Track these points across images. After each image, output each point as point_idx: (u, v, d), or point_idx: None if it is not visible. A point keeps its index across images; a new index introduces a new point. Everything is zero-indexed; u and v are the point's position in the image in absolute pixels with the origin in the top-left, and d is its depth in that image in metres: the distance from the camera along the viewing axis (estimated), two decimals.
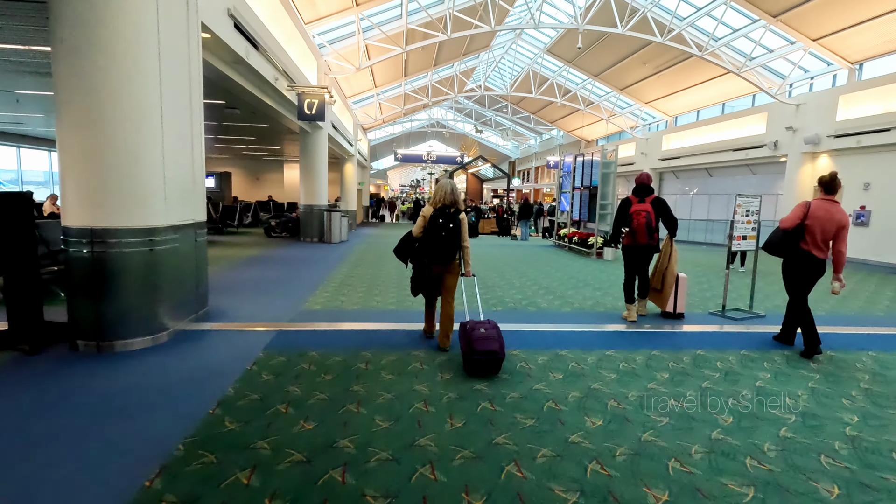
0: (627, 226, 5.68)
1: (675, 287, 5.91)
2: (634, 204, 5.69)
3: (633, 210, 5.63)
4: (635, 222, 5.56)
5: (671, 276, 5.87)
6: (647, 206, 5.60)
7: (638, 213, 5.57)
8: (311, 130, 13.27)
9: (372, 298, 6.45)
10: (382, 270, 8.89)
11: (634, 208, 5.64)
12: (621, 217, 5.81)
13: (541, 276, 8.76)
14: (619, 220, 5.87)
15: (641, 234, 5.55)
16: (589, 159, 12.87)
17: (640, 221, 5.53)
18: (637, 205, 5.66)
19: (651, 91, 21.43)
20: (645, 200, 5.67)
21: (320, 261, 10.07)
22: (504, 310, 6.07)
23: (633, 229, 5.61)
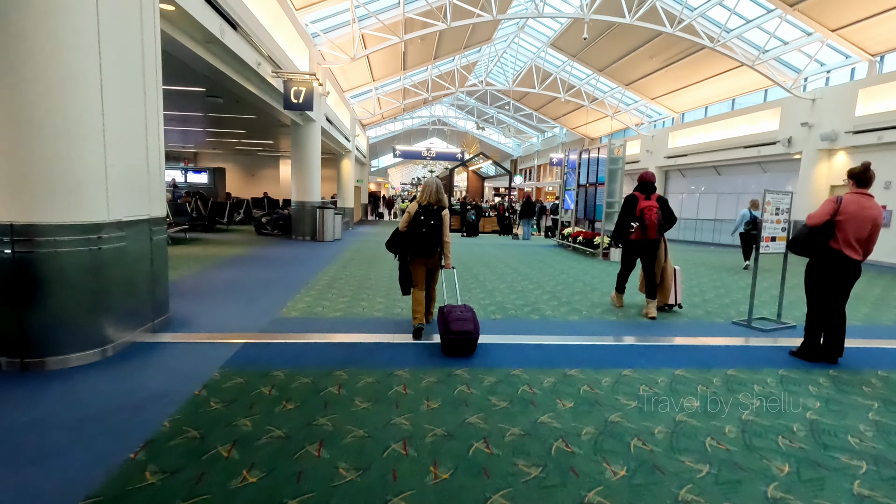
0: (638, 221, 5.77)
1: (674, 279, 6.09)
2: (642, 200, 5.80)
3: (644, 206, 5.73)
4: (648, 217, 5.66)
5: (669, 270, 6.04)
6: (655, 203, 5.75)
7: (649, 209, 5.68)
8: (303, 123, 12.65)
9: (358, 304, 5.83)
10: (373, 272, 8.27)
11: (644, 204, 5.74)
12: (629, 213, 5.86)
13: (544, 279, 8.13)
14: (627, 217, 5.89)
15: (653, 229, 5.66)
16: (595, 155, 12.22)
17: (653, 217, 5.65)
18: (645, 201, 5.78)
19: (658, 86, 20.75)
20: (651, 197, 5.81)
21: (309, 260, 9.46)
22: (504, 318, 5.44)
23: (645, 225, 5.69)
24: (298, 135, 12.75)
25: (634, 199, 5.86)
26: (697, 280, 8.60)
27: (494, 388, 3.40)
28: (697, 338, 4.91)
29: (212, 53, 6.94)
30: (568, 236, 13.66)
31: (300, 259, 9.67)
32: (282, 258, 9.73)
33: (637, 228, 5.82)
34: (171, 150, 23.29)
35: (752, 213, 10.78)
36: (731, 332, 5.19)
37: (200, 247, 10.95)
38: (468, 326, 4.05)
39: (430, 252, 4.56)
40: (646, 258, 5.87)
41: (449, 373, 3.64)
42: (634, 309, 6.10)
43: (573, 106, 26.16)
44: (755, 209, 10.80)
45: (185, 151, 23.78)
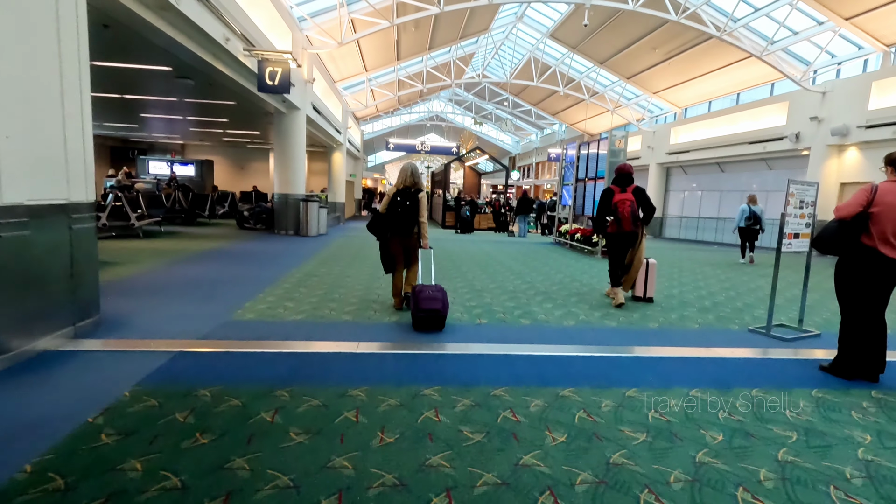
0: (613, 214, 5.85)
1: (645, 272, 6.11)
2: (617, 193, 5.84)
3: (618, 199, 5.79)
4: (621, 211, 5.75)
5: (639, 262, 6.00)
6: (630, 196, 5.79)
7: (623, 202, 5.76)
8: (287, 111, 11.96)
9: (325, 305, 5.17)
10: (352, 269, 7.61)
11: (619, 197, 5.80)
12: (605, 206, 5.92)
13: (538, 279, 7.49)
14: (603, 210, 5.96)
15: (627, 222, 5.76)
16: (594, 151, 11.57)
17: (626, 210, 5.73)
18: (620, 194, 5.82)
19: (660, 80, 20.09)
20: (626, 190, 5.84)
21: (285, 256, 8.80)
22: (491, 322, 4.79)
23: (619, 218, 5.78)
24: (282, 124, 12.06)
25: (610, 193, 5.92)
26: (705, 281, 7.96)
27: (469, 414, 2.75)
28: (711, 349, 4.26)
29: (169, 24, 6.24)
30: (565, 233, 13.01)
31: (277, 254, 9.01)
32: (257, 253, 9.07)
33: (612, 221, 5.94)
34: (156, 140, 22.58)
35: (752, 208, 10.94)
36: (748, 342, 4.54)
37: (174, 240, 10.28)
38: (437, 305, 4.32)
39: (407, 231, 4.93)
40: (620, 250, 5.98)
41: (415, 393, 2.99)
42: (638, 313, 5.46)
43: (573, 101, 25.49)
44: (753, 204, 11.07)
45: (172, 143, 23.07)
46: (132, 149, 22.62)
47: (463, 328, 4.55)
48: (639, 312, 5.48)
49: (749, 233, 11.06)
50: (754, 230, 11.04)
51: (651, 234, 21.44)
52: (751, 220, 10.92)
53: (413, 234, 4.96)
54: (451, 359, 3.71)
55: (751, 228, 11.01)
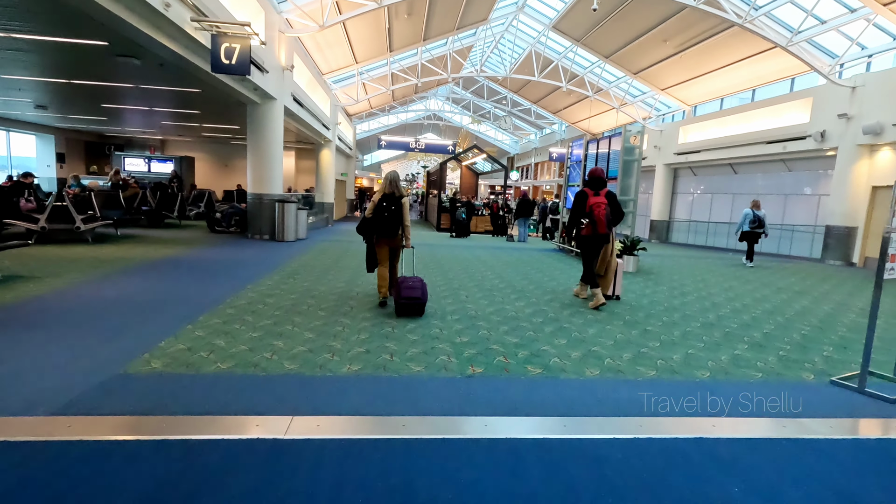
0: (588, 217, 5.91)
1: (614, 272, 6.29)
2: (591, 196, 5.90)
3: (594, 202, 5.86)
4: (597, 214, 5.83)
5: (613, 264, 6.25)
6: (604, 199, 5.89)
7: (598, 205, 5.84)
8: (261, 101, 10.69)
9: (270, 343, 3.91)
10: (322, 284, 6.35)
11: (593, 200, 5.87)
12: (580, 209, 5.96)
13: (545, 297, 6.25)
14: (578, 212, 5.99)
15: (602, 224, 5.86)
16: (604, 150, 10.34)
17: (602, 213, 5.83)
18: (594, 197, 5.89)
19: (669, 75, 18.89)
20: (600, 193, 5.93)
21: (248, 266, 7.54)
22: (488, 371, 3.55)
23: (594, 220, 5.87)
24: (256, 115, 10.79)
25: (585, 196, 5.95)
26: (741, 302, 6.72)
27: None
28: (794, 420, 3.02)
29: None
30: (571, 240, 11.78)
31: (239, 265, 7.74)
32: (216, 263, 7.80)
33: (587, 224, 5.94)
34: (133, 136, 21.27)
35: (755, 213, 11.12)
36: (837, 403, 3.32)
37: (126, 246, 9.00)
38: (416, 294, 4.94)
39: (392, 233, 5.37)
40: (593, 252, 6.04)
41: None
42: (678, 354, 4.22)
43: (575, 98, 24.29)
44: (757, 209, 11.22)
45: (151, 138, 21.74)
46: (108, 144, 21.30)
47: (450, 379, 3.31)
48: (678, 354, 4.24)
49: (752, 237, 11.23)
50: (758, 234, 11.21)
51: (657, 238, 20.29)
52: (755, 223, 11.10)
53: (398, 236, 5.46)
54: (441, 450, 2.46)
55: (754, 232, 11.17)
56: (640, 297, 6.68)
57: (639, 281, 8.05)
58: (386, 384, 3.23)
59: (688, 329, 5.05)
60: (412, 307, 4.93)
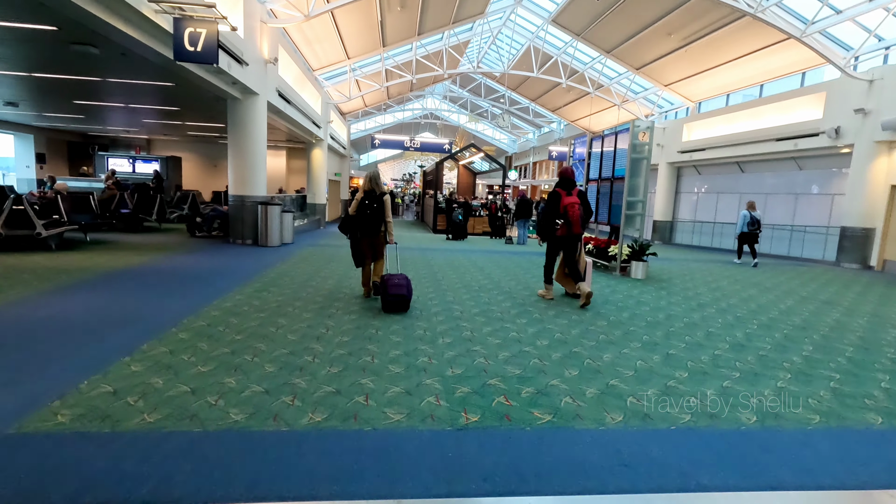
0: (563, 218, 5.95)
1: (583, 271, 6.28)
2: (565, 197, 5.96)
3: (568, 202, 5.92)
4: (572, 214, 5.89)
5: (583, 262, 6.28)
6: (576, 199, 5.95)
7: (572, 205, 5.90)
8: (242, 97, 9.98)
9: (219, 382, 3.20)
10: (298, 299, 5.65)
11: (568, 201, 5.93)
12: (554, 210, 6.01)
13: (550, 312, 5.56)
14: (552, 213, 6.04)
15: (577, 224, 5.94)
16: (611, 143, 9.66)
17: (576, 213, 5.89)
18: (567, 197, 5.94)
19: (673, 71, 18.22)
20: (572, 193, 6.00)
21: (220, 277, 6.83)
22: (484, 420, 2.85)
23: (569, 221, 5.92)
24: (236, 111, 10.09)
25: (558, 196, 6.00)
26: (766, 315, 6.03)
27: None
28: (887, 492, 2.34)
29: None
30: None
31: (212, 275, 7.04)
32: (186, 273, 7.09)
33: (562, 225, 5.99)
34: (118, 135, 20.51)
35: (752, 214, 11.56)
36: None
37: (93, 253, 8.29)
38: (402, 291, 5.19)
39: (375, 231, 5.58)
40: (569, 251, 6.14)
41: None
42: (712, 387, 3.53)
43: (575, 95, 23.63)
44: (753, 210, 11.65)
45: (136, 138, 20.99)
46: (92, 144, 20.55)
47: (438, 431, 2.61)
48: (709, 387, 3.55)
49: (752, 237, 11.61)
50: (756, 234, 11.60)
51: (660, 239, 19.63)
52: (753, 225, 11.52)
53: (380, 233, 5.64)
54: None
55: (753, 233, 11.57)
56: (654, 310, 5.99)
57: (650, 290, 7.36)
58: (354, 442, 2.53)
59: (716, 352, 4.37)
60: (398, 303, 5.19)
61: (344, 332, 4.46)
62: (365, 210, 5.48)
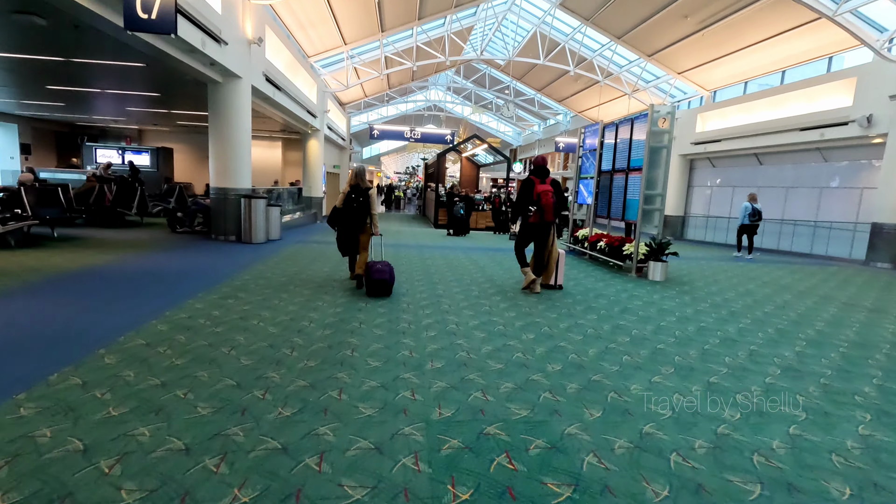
0: (535, 205, 6.00)
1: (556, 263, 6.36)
2: (538, 185, 6.01)
3: (541, 190, 5.97)
4: (544, 201, 5.94)
5: (555, 254, 6.33)
6: (550, 187, 6.01)
7: (545, 192, 5.95)
8: (223, 80, 9.16)
9: (127, 436, 2.43)
10: (267, 308, 4.86)
11: (541, 188, 5.98)
12: (528, 196, 6.04)
13: (560, 321, 4.76)
14: (525, 200, 6.07)
15: (549, 212, 5.97)
16: (626, 132, 8.80)
17: (549, 200, 5.95)
18: (541, 185, 6.00)
19: (687, 57, 17.25)
20: (546, 181, 6.06)
21: (186, 280, 6.06)
22: (478, 486, 2.06)
23: (541, 208, 5.97)
24: (217, 96, 9.29)
25: (531, 183, 6.03)
26: (812, 327, 5.18)
27: None
28: None
29: None
30: (583, 240, 10.27)
31: (178, 277, 6.26)
32: (149, 275, 6.31)
33: (535, 212, 6.00)
34: (107, 126, 19.77)
35: (753, 206, 11.56)
36: None
37: (54, 251, 7.53)
38: (384, 276, 5.51)
39: (361, 223, 5.87)
40: (540, 240, 6.15)
41: None
42: (777, 435, 2.72)
43: (583, 84, 22.66)
44: (755, 202, 11.66)
45: (127, 128, 20.23)
46: (81, 135, 19.81)
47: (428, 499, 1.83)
48: (777, 431, 2.74)
49: (752, 229, 11.70)
50: (756, 226, 11.67)
51: (671, 235, 18.74)
52: (755, 216, 11.52)
53: (366, 225, 5.88)
54: None
55: (754, 225, 11.62)
56: (682, 322, 5.17)
57: (672, 295, 6.53)
58: None
59: (767, 380, 3.56)
60: (381, 287, 5.52)
61: (312, 354, 3.67)
62: (351, 203, 5.73)
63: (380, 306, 5.18)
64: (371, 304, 5.23)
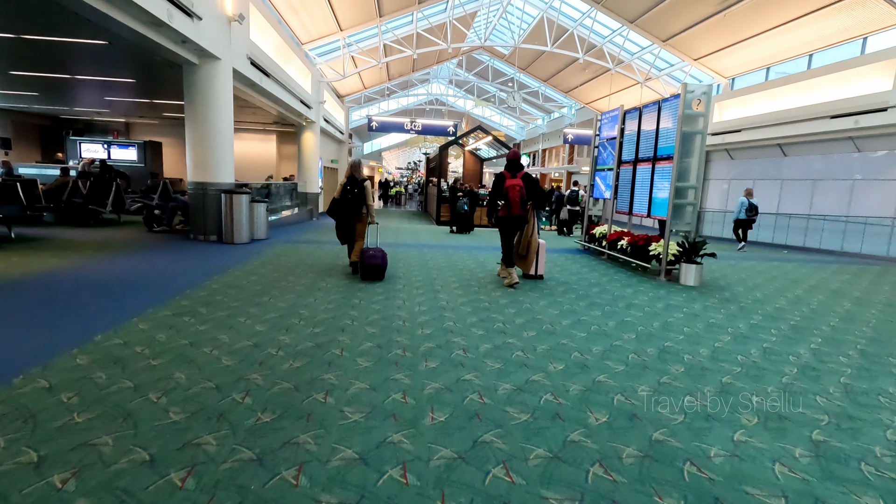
0: (504, 199, 6.10)
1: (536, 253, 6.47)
2: (508, 179, 6.09)
3: (509, 184, 6.05)
4: (511, 196, 6.01)
5: (534, 243, 6.44)
6: (519, 181, 6.05)
7: (513, 187, 6.02)
8: (199, 62, 8.21)
9: None
10: (224, 330, 3.91)
11: (509, 183, 6.05)
12: (498, 191, 6.16)
13: (592, 347, 3.80)
14: (496, 195, 6.22)
15: (516, 206, 6.04)
16: (651, 119, 7.81)
17: (516, 195, 6.00)
18: (510, 180, 6.07)
19: (705, 41, 16.19)
20: (517, 176, 6.11)
21: (133, 293, 5.10)
22: None
23: (509, 202, 6.05)
24: (193, 80, 8.33)
25: (503, 178, 6.16)
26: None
27: None
28: None
29: None
30: (601, 238, 9.29)
31: (126, 289, 5.30)
32: (92, 286, 5.35)
33: (503, 206, 6.14)
34: (93, 119, 18.84)
35: (750, 201, 11.89)
36: None
37: (7, 253, 6.61)
38: (377, 261, 5.98)
39: (357, 213, 6.27)
40: (509, 233, 6.25)
41: None
42: None
43: (591, 73, 21.62)
44: (750, 197, 12.01)
45: (114, 121, 19.29)
46: (66, 129, 18.88)
47: None
48: None
49: (746, 223, 12.06)
50: (752, 221, 12.00)
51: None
52: (752, 212, 11.79)
53: (362, 215, 6.33)
54: None
55: (750, 220, 11.92)
56: (740, 342, 4.20)
57: (715, 305, 5.56)
58: None
59: (888, 434, 2.60)
60: (374, 271, 5.95)
61: (269, 402, 2.73)
62: (347, 195, 6.15)
63: (368, 325, 4.23)
64: (358, 325, 4.29)
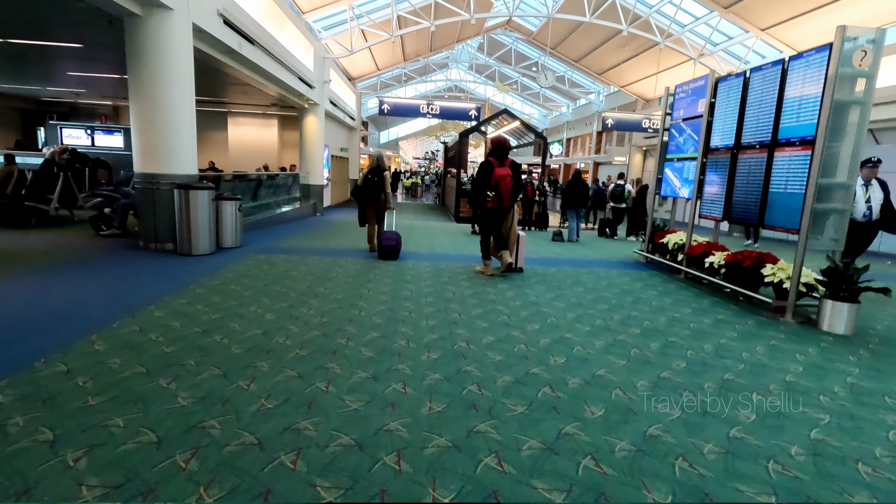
0: (494, 190, 5.72)
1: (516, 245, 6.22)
2: (497, 168, 5.72)
3: (499, 175, 5.68)
4: (502, 187, 5.69)
5: (514, 235, 6.21)
6: (509, 171, 5.72)
7: (503, 177, 5.69)
8: (143, 13, 6.15)
9: None
10: (125, 415, 1.86)
11: (500, 172, 5.69)
12: (486, 180, 5.77)
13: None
14: (484, 184, 5.80)
15: (507, 197, 5.75)
16: (769, 84, 5.52)
17: (507, 185, 5.70)
18: (500, 168, 5.71)
19: (776, 8, 13.64)
20: (504, 164, 5.76)
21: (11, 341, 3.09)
22: None
23: (500, 193, 5.72)
24: (137, 37, 6.28)
25: (490, 166, 5.77)
26: None
27: None
28: None
29: None
30: (675, 251, 7.03)
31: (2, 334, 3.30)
32: None
33: (493, 197, 5.76)
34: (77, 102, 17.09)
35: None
36: None
37: None
38: (391, 242, 6.92)
39: (375, 199, 7.23)
40: (498, 224, 5.98)
41: None
42: None
43: (633, 49, 19.12)
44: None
45: (101, 104, 17.55)
46: (50, 113, 17.20)
47: None
48: None
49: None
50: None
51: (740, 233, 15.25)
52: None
53: (380, 200, 7.26)
54: None
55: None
56: None
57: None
58: None
59: None
60: (389, 251, 6.88)
61: None
62: (368, 182, 7.10)
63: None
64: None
